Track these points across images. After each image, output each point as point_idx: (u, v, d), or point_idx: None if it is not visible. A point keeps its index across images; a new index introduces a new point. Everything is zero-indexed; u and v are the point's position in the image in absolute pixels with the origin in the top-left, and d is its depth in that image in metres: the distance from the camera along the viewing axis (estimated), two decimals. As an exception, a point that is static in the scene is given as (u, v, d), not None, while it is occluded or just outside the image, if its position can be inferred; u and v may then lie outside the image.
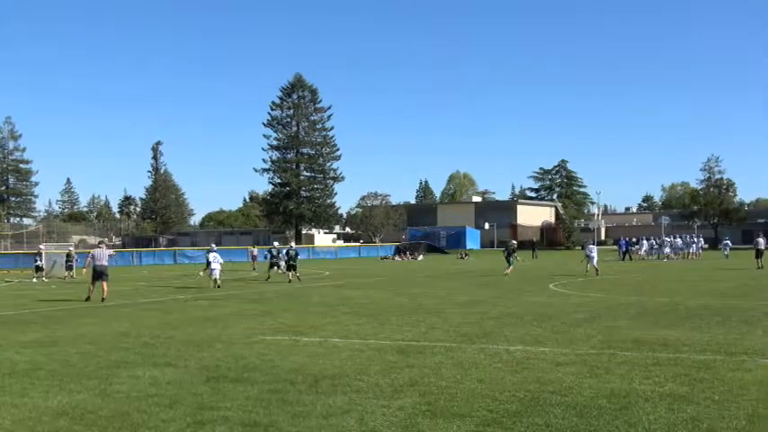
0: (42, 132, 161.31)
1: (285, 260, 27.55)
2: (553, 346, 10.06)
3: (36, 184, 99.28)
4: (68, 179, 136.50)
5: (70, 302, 19.29)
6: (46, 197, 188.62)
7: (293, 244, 29.29)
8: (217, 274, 23.97)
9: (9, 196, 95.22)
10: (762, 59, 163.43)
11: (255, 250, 40.47)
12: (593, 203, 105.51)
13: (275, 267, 29.59)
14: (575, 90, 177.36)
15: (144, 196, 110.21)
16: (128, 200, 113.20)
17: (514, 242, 34.16)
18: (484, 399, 6.85)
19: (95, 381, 8.06)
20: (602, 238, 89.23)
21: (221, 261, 24.70)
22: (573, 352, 9.46)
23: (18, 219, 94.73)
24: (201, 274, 26.30)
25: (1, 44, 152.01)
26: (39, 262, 32.89)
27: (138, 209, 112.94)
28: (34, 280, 31.07)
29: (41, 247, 35.93)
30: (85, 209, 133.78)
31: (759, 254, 33.91)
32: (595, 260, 29.70)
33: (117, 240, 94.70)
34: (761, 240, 34.93)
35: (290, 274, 26.81)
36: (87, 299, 19.45)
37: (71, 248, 36.50)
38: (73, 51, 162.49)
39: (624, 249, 46.92)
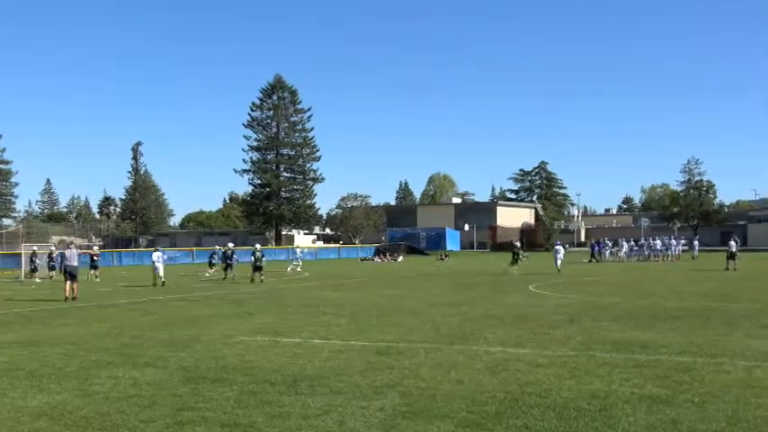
0: (22, 132, 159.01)
1: (251, 262, 27.75)
2: (533, 347, 10.12)
3: (16, 184, 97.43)
4: (48, 180, 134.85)
5: (50, 303, 19.05)
6: (26, 197, 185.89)
7: (258, 246, 29.90)
8: (161, 272, 26.46)
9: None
10: (744, 61, 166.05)
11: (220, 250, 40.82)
12: (572, 205, 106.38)
13: (229, 269, 29.56)
14: (555, 91, 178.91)
15: (124, 197, 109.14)
16: (107, 200, 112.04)
17: (518, 243, 36.45)
18: (463, 400, 6.88)
19: (75, 381, 7.97)
20: (582, 239, 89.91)
21: (165, 260, 27.96)
22: (553, 353, 9.53)
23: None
24: (208, 273, 29.03)
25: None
26: (37, 262, 32.32)
27: (118, 209, 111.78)
28: (37, 280, 30.49)
29: (35, 247, 35.24)
30: (65, 209, 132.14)
31: (731, 256, 34.36)
32: (559, 261, 32.77)
33: (98, 241, 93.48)
34: (733, 243, 35.42)
35: (257, 275, 27.05)
36: (66, 299, 19.38)
37: (52, 248, 35.95)
38: (53, 51, 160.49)
39: (592, 251, 47.50)
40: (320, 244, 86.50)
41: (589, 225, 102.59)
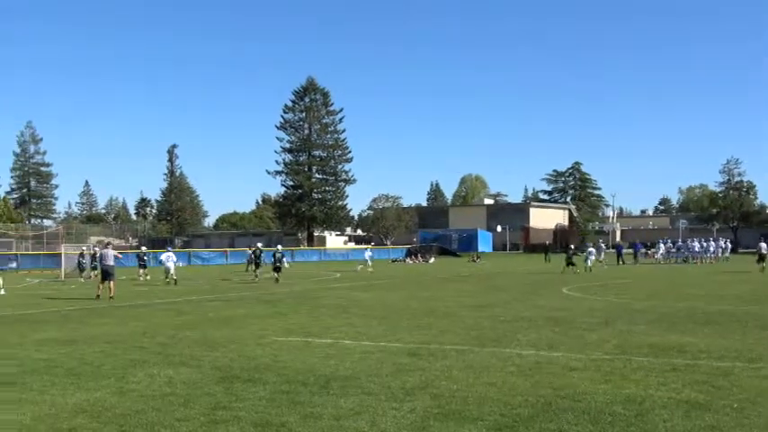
0: (62, 135, 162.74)
1: (272, 262, 28.39)
2: (566, 350, 10.00)
3: (56, 186, 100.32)
4: (87, 181, 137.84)
5: (88, 302, 19.47)
6: (65, 199, 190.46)
7: (279, 247, 30.97)
8: (172, 271, 27.89)
9: (30, 198, 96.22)
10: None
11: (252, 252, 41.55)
12: (607, 206, 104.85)
13: (258, 268, 30.39)
14: (589, 91, 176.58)
15: (160, 198, 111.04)
16: (144, 202, 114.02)
17: (572, 246, 39.07)
18: (496, 403, 6.82)
19: (112, 379, 8.13)
20: (618, 240, 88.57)
21: (175, 260, 29.16)
22: (587, 357, 9.40)
23: (39, 220, 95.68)
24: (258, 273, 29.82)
25: (21, 44, 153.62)
26: (84, 261, 32.89)
27: (154, 211, 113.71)
28: (81, 280, 31.10)
29: (84, 248, 36.08)
30: (103, 210, 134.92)
31: (761, 258, 33.57)
32: (590, 261, 35.10)
33: (134, 242, 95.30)
34: (763, 245, 34.58)
35: (277, 275, 27.61)
36: (97, 297, 19.94)
37: (96, 249, 36.60)
38: (88, 52, 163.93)
39: (618, 252, 46.51)
40: (351, 245, 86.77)
41: (625, 226, 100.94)
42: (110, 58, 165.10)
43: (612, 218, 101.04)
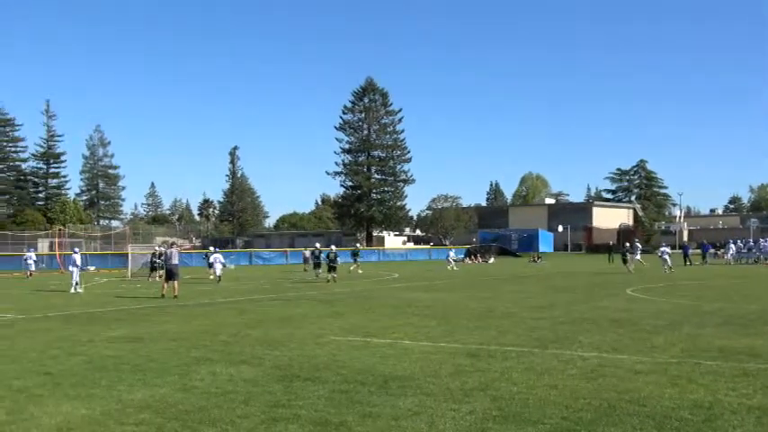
0: (128, 137, 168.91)
1: (326, 262, 28.92)
2: (631, 353, 9.73)
3: (123, 188, 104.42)
4: (152, 183, 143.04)
5: (154, 300, 20.14)
6: (132, 200, 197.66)
7: (333, 247, 31.61)
8: (218, 271, 29.83)
9: (99, 200, 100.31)
10: None
11: (308, 252, 42.18)
12: (674, 205, 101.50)
13: (318, 268, 30.81)
14: (653, 88, 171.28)
15: (222, 199, 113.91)
16: (207, 203, 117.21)
17: (628, 243, 39.11)
18: (557, 406, 6.70)
19: (176, 376, 8.38)
20: (685, 240, 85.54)
21: (222, 261, 31.36)
22: (652, 360, 9.12)
23: (107, 221, 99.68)
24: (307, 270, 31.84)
25: (90, 51, 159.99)
26: (157, 261, 33.46)
27: (217, 211, 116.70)
28: (156, 279, 31.92)
29: (158, 248, 37.18)
30: (168, 211, 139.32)
31: None
32: (668, 261, 35.17)
33: (197, 242, 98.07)
34: None
35: (330, 275, 28.05)
36: (162, 296, 20.68)
37: (161, 248, 37.64)
38: (154, 58, 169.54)
39: (684, 253, 44.76)
40: (410, 245, 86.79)
41: (693, 226, 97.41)
42: (171, 61, 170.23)
43: (680, 217, 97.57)
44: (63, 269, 42.38)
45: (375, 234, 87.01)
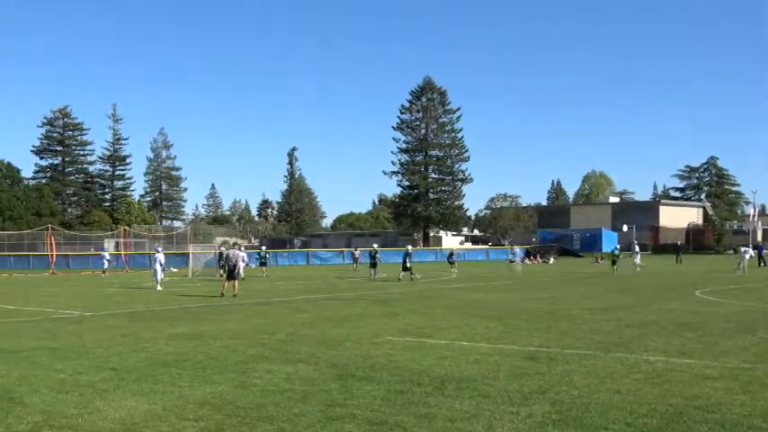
0: (190, 140, 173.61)
1: (369, 260, 30.91)
2: (699, 357, 9.40)
3: (185, 189, 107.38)
4: (213, 185, 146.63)
5: (213, 299, 20.65)
6: (193, 201, 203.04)
7: (410, 247, 32.82)
8: (241, 271, 28.55)
9: (162, 201, 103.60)
10: None
11: (358, 252, 42.59)
12: (747, 203, 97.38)
13: (374, 268, 31.89)
14: (724, 81, 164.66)
15: (280, 200, 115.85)
16: (265, 203, 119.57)
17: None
18: (620, 411, 6.53)
19: (235, 374, 8.58)
20: (759, 240, 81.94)
21: (246, 260, 30.10)
22: (722, 365, 8.79)
23: (169, 221, 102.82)
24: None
25: (151, 53, 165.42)
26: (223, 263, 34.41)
27: (275, 212, 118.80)
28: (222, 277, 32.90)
29: (223, 248, 38.48)
30: (228, 212, 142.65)
31: None
32: (746, 261, 34.57)
33: (255, 241, 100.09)
34: None
35: (405, 274, 28.97)
36: (221, 295, 21.11)
37: (222, 249, 38.71)
38: (213, 64, 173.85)
39: (759, 254, 42.89)
40: (468, 245, 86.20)
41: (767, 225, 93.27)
42: (231, 63, 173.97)
43: (753, 216, 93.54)
44: (128, 268, 44.01)
45: (432, 234, 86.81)
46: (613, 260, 36.84)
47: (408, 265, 29.30)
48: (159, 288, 25.12)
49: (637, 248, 42.54)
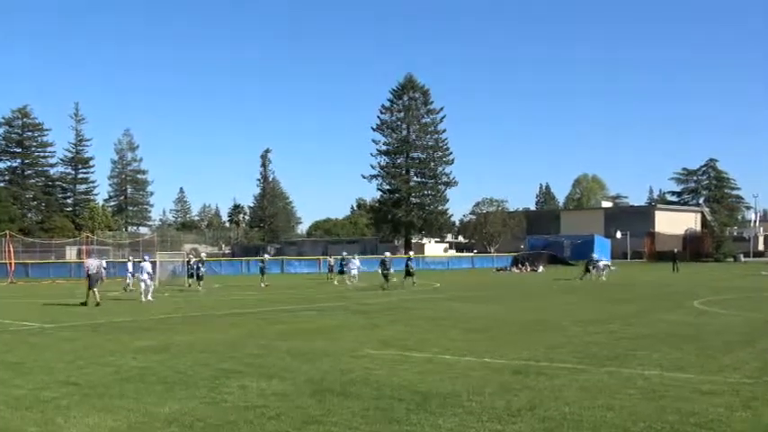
0: (156, 142, 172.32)
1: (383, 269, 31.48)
2: (697, 372, 9.51)
3: (151, 193, 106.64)
4: (181, 188, 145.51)
5: (181, 310, 20.48)
6: (160, 206, 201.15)
7: (388, 254, 34.65)
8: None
9: (127, 206, 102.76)
10: None
11: (332, 260, 42.86)
12: (748, 208, 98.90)
13: (343, 275, 34.72)
14: (724, 81, 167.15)
15: (252, 204, 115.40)
16: (237, 208, 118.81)
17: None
18: (614, 428, 6.60)
19: (205, 389, 8.52)
20: (761, 248, 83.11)
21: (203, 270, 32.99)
22: (722, 380, 8.91)
23: (135, 228, 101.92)
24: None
25: (117, 52, 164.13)
26: (202, 269, 33.64)
27: (247, 217, 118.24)
28: (199, 288, 32.06)
29: (192, 255, 38.55)
30: (197, 218, 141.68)
31: None
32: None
33: (226, 249, 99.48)
34: None
35: (409, 280, 31.39)
36: (84, 303, 22.14)
37: (191, 257, 38.48)
38: (182, 60, 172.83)
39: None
40: (452, 252, 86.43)
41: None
42: (200, 62, 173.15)
43: (754, 222, 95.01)
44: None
45: (414, 241, 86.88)
46: (587, 267, 37.35)
47: (412, 270, 32.29)
48: (150, 299, 24.41)
49: (602, 260, 42.42)
